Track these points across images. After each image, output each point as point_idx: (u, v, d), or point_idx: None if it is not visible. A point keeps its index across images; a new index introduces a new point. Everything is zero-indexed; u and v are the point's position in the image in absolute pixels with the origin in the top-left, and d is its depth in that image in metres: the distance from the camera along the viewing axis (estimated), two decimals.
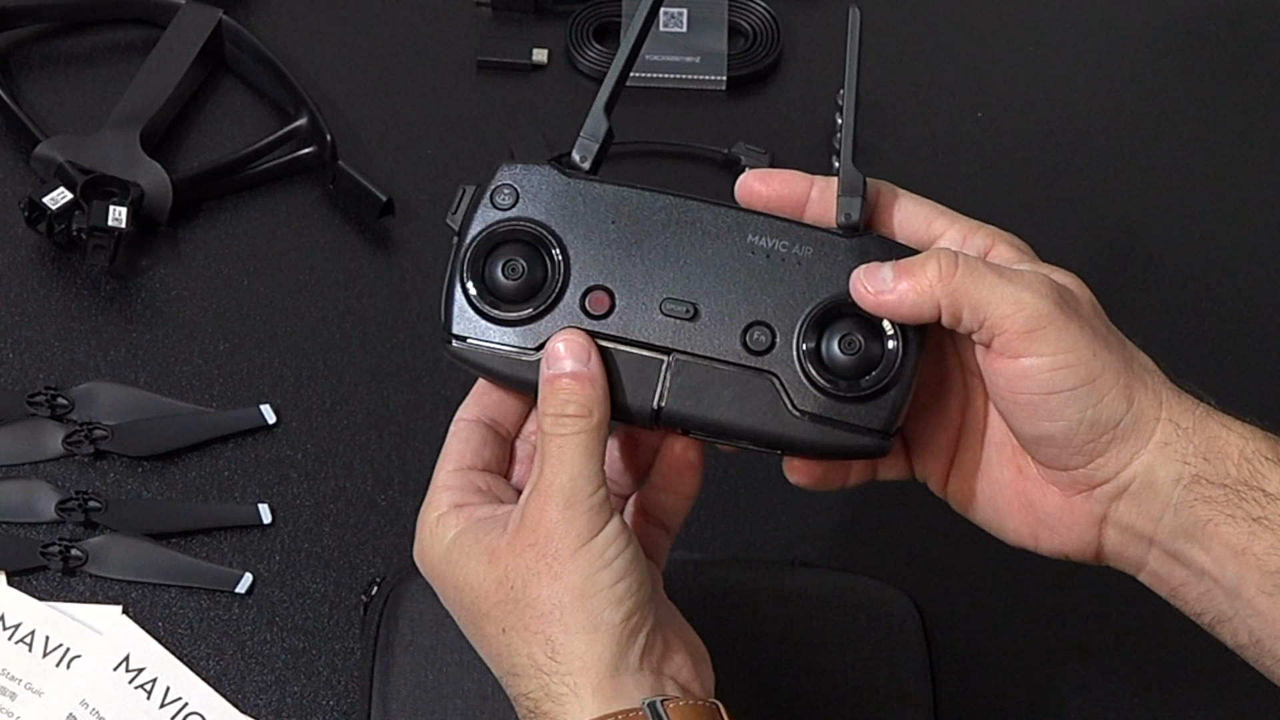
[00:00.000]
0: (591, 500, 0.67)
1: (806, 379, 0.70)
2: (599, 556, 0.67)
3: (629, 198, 0.72)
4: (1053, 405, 0.67)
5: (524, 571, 0.67)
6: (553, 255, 0.71)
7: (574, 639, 0.66)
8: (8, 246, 1.04)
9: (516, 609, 0.67)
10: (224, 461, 0.97)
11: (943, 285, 0.67)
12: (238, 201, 1.07)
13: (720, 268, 0.72)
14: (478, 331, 0.71)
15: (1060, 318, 0.67)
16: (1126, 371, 0.68)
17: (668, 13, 1.16)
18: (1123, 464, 0.68)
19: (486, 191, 0.72)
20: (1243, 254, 1.11)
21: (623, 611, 0.66)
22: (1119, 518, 0.70)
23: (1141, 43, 1.20)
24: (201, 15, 1.12)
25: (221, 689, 0.90)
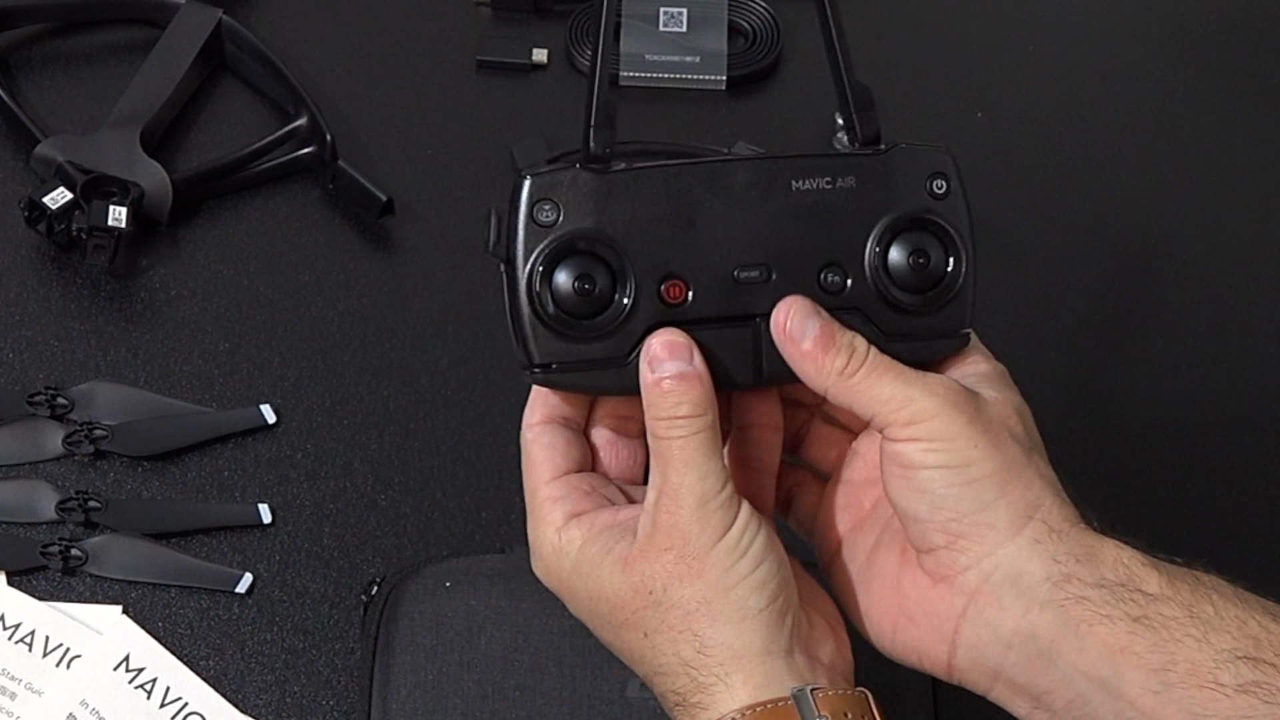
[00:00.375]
0: (721, 496, 0.67)
1: (888, 305, 0.71)
2: (735, 547, 0.67)
3: (666, 176, 0.71)
4: (919, 480, 0.67)
5: (664, 575, 0.67)
6: (617, 259, 0.70)
7: (721, 630, 0.66)
8: (8, 246, 1.04)
9: (659, 611, 0.67)
10: (224, 461, 0.97)
11: (839, 380, 0.69)
12: (238, 201, 1.07)
13: (776, 221, 0.71)
14: (562, 354, 0.70)
15: (948, 413, 0.67)
16: (1010, 469, 0.67)
17: (667, 12, 1.16)
18: (986, 552, 0.67)
19: (523, 211, 0.70)
20: (1243, 253, 1.11)
21: (767, 595, 0.67)
22: (979, 613, 0.68)
23: (1141, 43, 1.20)
24: (201, 15, 1.12)
25: (221, 689, 0.90)
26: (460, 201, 1.08)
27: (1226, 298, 1.09)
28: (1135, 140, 1.15)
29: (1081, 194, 1.13)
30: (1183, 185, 1.13)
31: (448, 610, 0.85)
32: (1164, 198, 1.13)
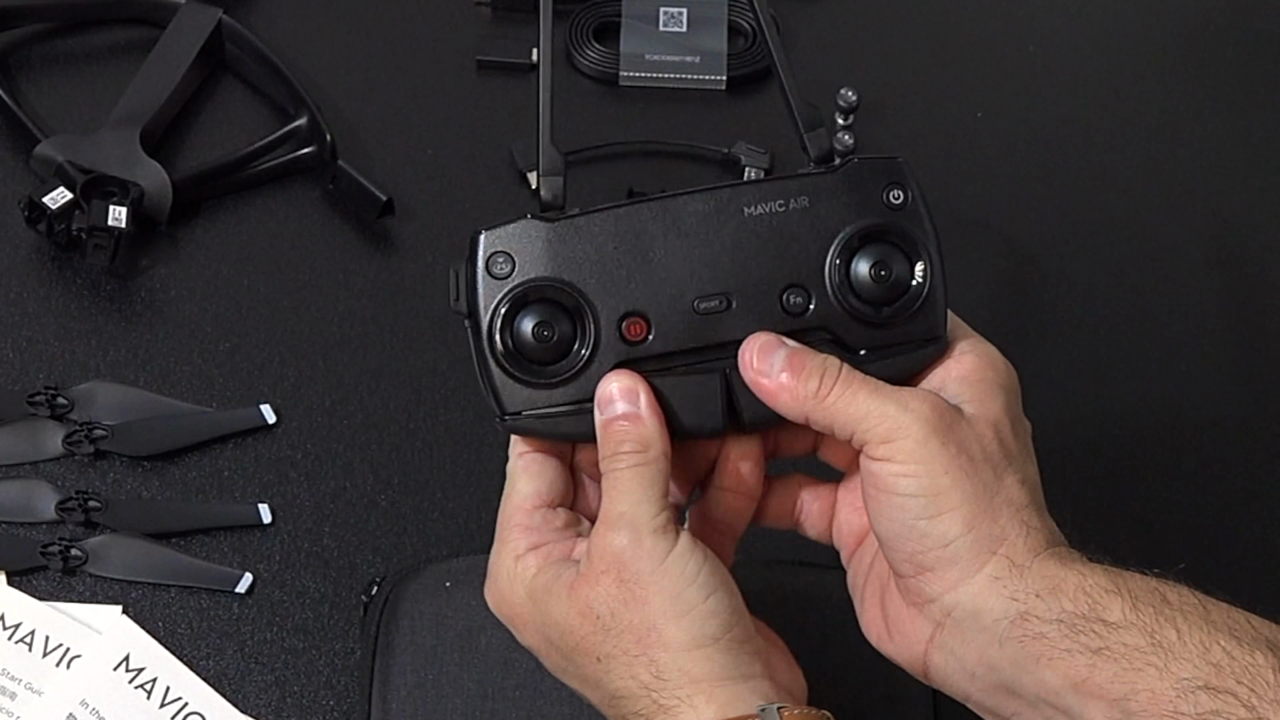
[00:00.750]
0: (654, 523, 0.68)
1: (856, 320, 0.71)
2: (680, 574, 0.68)
3: (617, 217, 0.72)
4: (890, 506, 0.68)
5: (608, 600, 0.68)
6: (574, 303, 0.71)
7: (678, 657, 0.67)
8: (8, 246, 1.04)
9: (610, 637, 0.68)
10: (224, 461, 0.97)
11: (815, 402, 0.69)
12: (238, 201, 1.07)
13: (732, 249, 0.72)
14: (530, 402, 0.71)
15: (921, 433, 0.67)
16: (977, 500, 0.68)
17: (667, 13, 1.16)
18: (948, 587, 0.68)
19: (479, 265, 0.72)
20: (1243, 253, 1.11)
21: (720, 623, 0.68)
22: (944, 642, 0.69)
23: (1141, 42, 1.20)
24: (201, 15, 1.12)
25: (221, 689, 0.90)
26: (460, 201, 1.08)
27: (1227, 297, 1.09)
28: (1135, 140, 1.15)
29: (1081, 194, 1.13)
30: (1183, 185, 1.14)
31: (448, 610, 0.85)
32: (1164, 197, 1.13)
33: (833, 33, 1.18)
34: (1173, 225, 1.12)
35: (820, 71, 1.16)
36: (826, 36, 1.18)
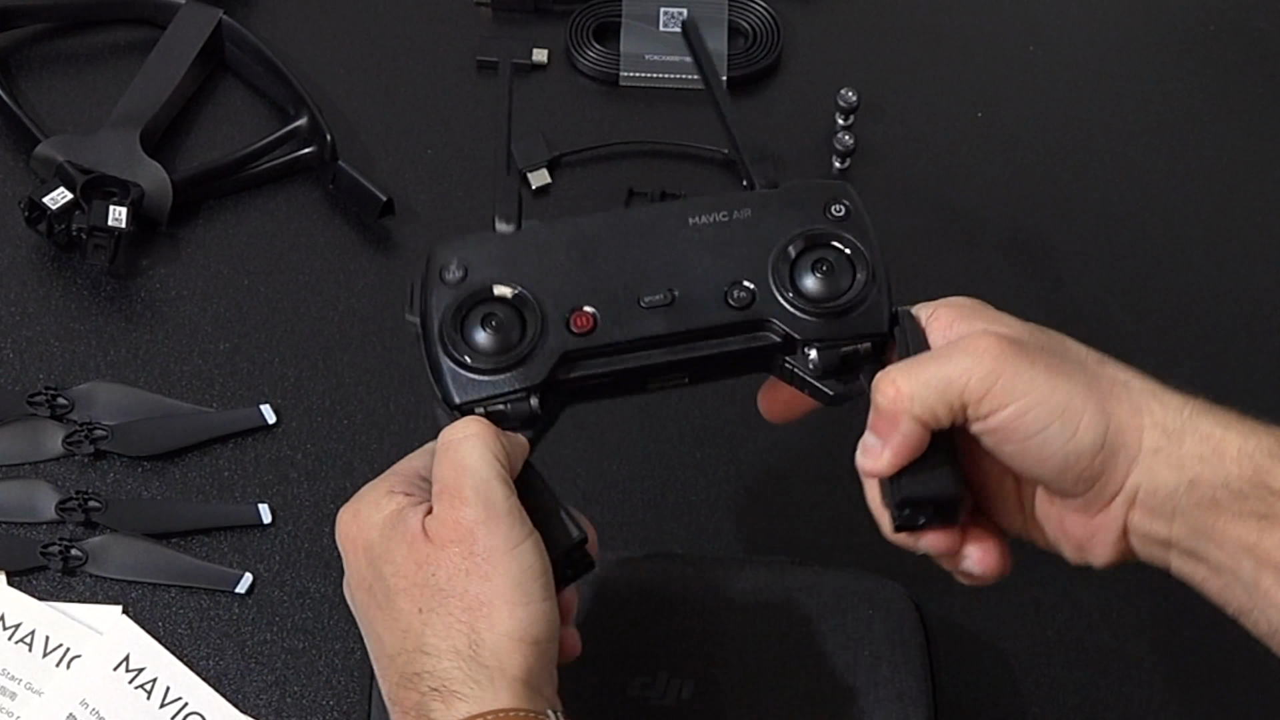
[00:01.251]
0: (508, 504, 0.69)
1: (799, 313, 0.73)
2: (529, 566, 0.69)
3: (568, 227, 0.75)
4: (1034, 448, 0.69)
5: (448, 566, 0.69)
6: (522, 300, 0.73)
7: (501, 641, 0.68)
8: (8, 246, 1.04)
9: (439, 596, 0.69)
10: (224, 461, 0.97)
11: (907, 406, 0.70)
12: (238, 201, 1.07)
13: (677, 253, 0.74)
14: (479, 391, 0.72)
15: (1006, 366, 0.69)
16: (1094, 392, 0.69)
17: (667, 13, 1.16)
18: (1123, 476, 0.70)
19: (434, 274, 0.74)
20: (1243, 253, 1.11)
21: (547, 630, 0.69)
22: (1136, 526, 0.71)
23: (1141, 42, 1.20)
24: (201, 15, 1.12)
25: (221, 689, 0.90)
26: (460, 201, 1.08)
27: (1227, 296, 1.09)
28: (1135, 140, 1.15)
29: (1081, 194, 1.13)
30: (1183, 185, 1.14)
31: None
32: (1164, 197, 1.13)
33: (833, 33, 1.18)
34: (1173, 224, 1.12)
35: (820, 71, 1.16)
36: (826, 36, 1.18)
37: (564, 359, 0.73)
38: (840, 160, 1.11)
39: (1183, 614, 0.95)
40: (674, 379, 0.75)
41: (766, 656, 0.84)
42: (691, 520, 0.97)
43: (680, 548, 0.95)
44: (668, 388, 0.76)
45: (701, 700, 0.83)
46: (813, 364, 0.73)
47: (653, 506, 0.97)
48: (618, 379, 0.74)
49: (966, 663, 0.92)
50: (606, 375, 0.73)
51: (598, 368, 0.73)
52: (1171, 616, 0.96)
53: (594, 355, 0.73)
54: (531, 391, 0.72)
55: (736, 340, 0.74)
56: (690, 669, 0.84)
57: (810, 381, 0.74)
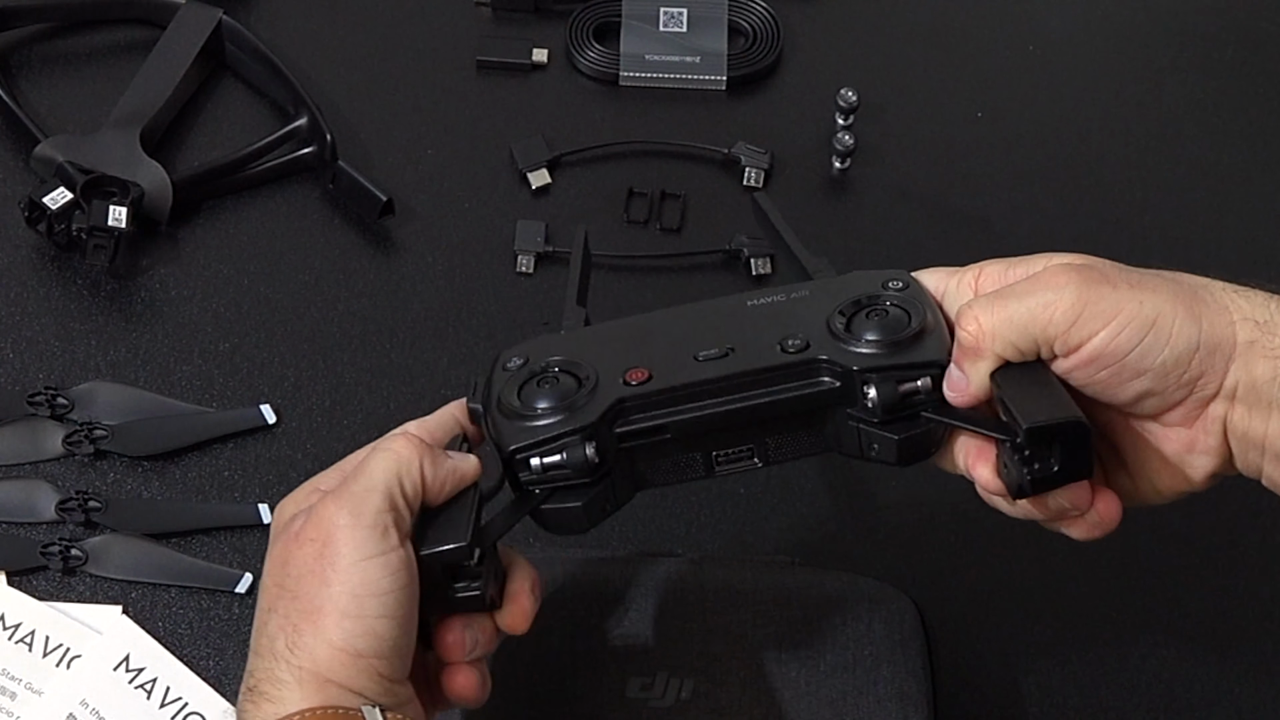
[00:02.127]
0: (377, 516, 0.68)
1: (854, 340, 0.71)
2: (373, 581, 0.68)
3: (624, 324, 0.75)
4: (1131, 365, 0.69)
5: (300, 564, 0.68)
6: (578, 365, 0.73)
7: (319, 645, 0.67)
8: (8, 246, 1.04)
9: (285, 597, 0.68)
10: (224, 461, 0.97)
11: (988, 339, 0.70)
12: (238, 201, 1.07)
13: (734, 324, 0.74)
14: (531, 436, 0.71)
15: (1090, 292, 0.69)
16: (1180, 299, 0.70)
17: (667, 13, 1.16)
18: (1221, 375, 0.70)
19: (496, 366, 0.74)
20: (1243, 253, 1.11)
21: (375, 647, 0.67)
22: (1235, 428, 0.71)
23: (1141, 43, 1.20)
24: (201, 15, 1.12)
25: (221, 689, 0.90)
26: (460, 201, 1.09)
27: None
28: (1135, 140, 1.15)
29: (1081, 194, 1.13)
30: (1183, 185, 1.13)
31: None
32: (1164, 197, 1.13)
33: (833, 33, 1.18)
34: (1173, 224, 1.12)
35: (820, 71, 1.16)
36: (826, 36, 1.18)
37: (617, 405, 0.71)
38: (840, 160, 1.11)
39: (1183, 614, 0.96)
40: (740, 454, 0.73)
41: (766, 656, 0.84)
42: (692, 522, 0.97)
43: (680, 548, 0.95)
44: (736, 469, 0.74)
45: (701, 700, 0.83)
46: (872, 403, 0.71)
47: (653, 506, 0.97)
48: (678, 443, 0.72)
49: (966, 663, 0.92)
50: (663, 428, 0.71)
51: (652, 419, 0.71)
52: (1172, 617, 0.96)
53: (648, 405, 0.71)
54: (585, 436, 0.70)
55: (793, 386, 0.71)
56: (690, 669, 0.84)
57: (875, 432, 0.71)
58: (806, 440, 0.73)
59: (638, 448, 0.72)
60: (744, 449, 0.73)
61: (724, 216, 1.08)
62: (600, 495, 0.72)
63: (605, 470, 0.71)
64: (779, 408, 0.72)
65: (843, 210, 1.11)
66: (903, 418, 0.71)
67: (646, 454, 0.72)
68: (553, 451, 0.71)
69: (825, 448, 0.74)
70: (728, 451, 0.73)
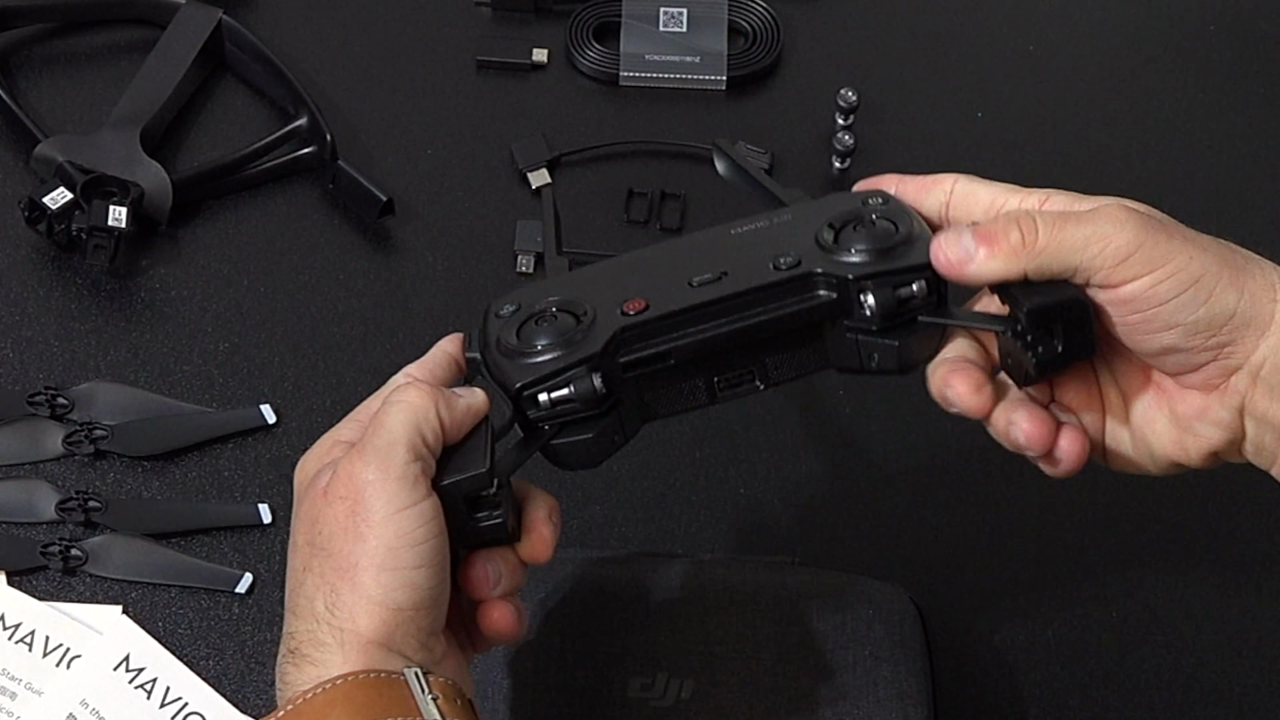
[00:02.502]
0: (406, 469, 0.68)
1: (845, 252, 0.72)
2: (408, 533, 0.67)
3: (616, 260, 0.75)
4: (1164, 316, 0.69)
5: (332, 522, 0.68)
6: (574, 303, 0.73)
7: (358, 602, 0.67)
8: (8, 246, 1.04)
9: (319, 555, 0.68)
10: (224, 461, 0.97)
11: (1027, 251, 0.70)
12: (238, 201, 1.07)
13: (723, 250, 0.74)
14: (538, 371, 0.71)
15: (1148, 236, 0.69)
16: (1228, 266, 0.69)
17: (667, 13, 1.16)
18: (1250, 349, 0.69)
19: (490, 315, 0.74)
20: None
21: (414, 598, 0.67)
22: (1254, 407, 0.70)
23: (1141, 43, 1.20)
24: (201, 15, 1.12)
25: (221, 689, 0.90)
26: (460, 201, 1.09)
27: None
28: (1135, 140, 1.15)
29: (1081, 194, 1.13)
30: (1183, 185, 1.14)
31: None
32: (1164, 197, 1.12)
33: (833, 33, 1.18)
34: None
35: (820, 71, 1.16)
36: (826, 36, 1.18)
37: (619, 335, 0.71)
38: (840, 160, 1.11)
39: (1184, 614, 0.96)
40: (741, 377, 0.74)
41: (766, 656, 0.84)
42: (692, 522, 0.97)
43: (680, 548, 0.95)
44: (739, 393, 0.74)
45: (701, 701, 0.83)
46: (870, 310, 0.71)
47: (653, 506, 0.97)
48: (682, 370, 0.72)
49: (966, 663, 0.92)
50: (665, 354, 0.72)
51: (655, 346, 0.72)
52: (1173, 617, 0.96)
53: (649, 333, 0.72)
54: (590, 367, 0.71)
55: (790, 302, 0.72)
56: (690, 669, 0.84)
57: (875, 340, 0.72)
58: (806, 358, 0.74)
59: (642, 377, 0.72)
60: (745, 371, 0.74)
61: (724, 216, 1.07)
62: (609, 427, 0.72)
63: (613, 401, 0.72)
64: (777, 325, 0.72)
65: None
66: (899, 324, 0.72)
67: (651, 383, 0.73)
68: (560, 385, 0.71)
69: (824, 364, 0.74)
70: (728, 375, 0.73)
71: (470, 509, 0.70)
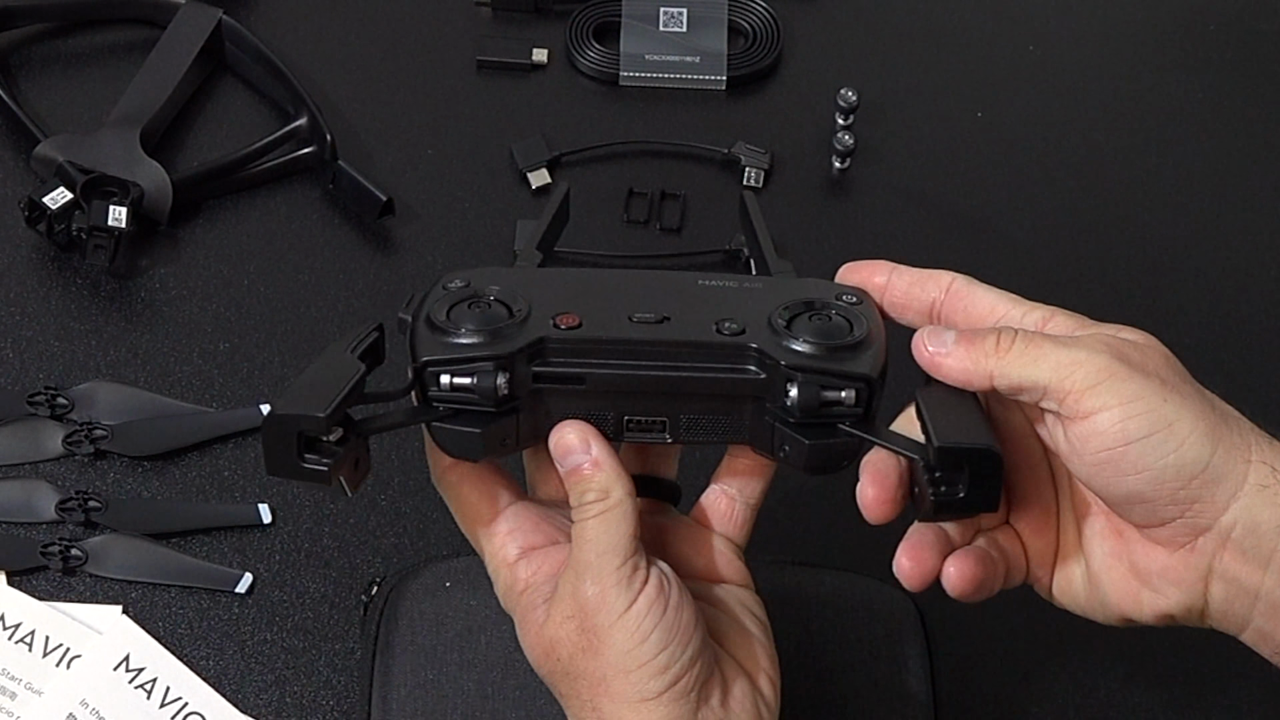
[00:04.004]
0: (620, 573, 0.69)
1: (789, 338, 0.69)
2: (635, 630, 0.68)
3: (580, 272, 0.74)
4: (1132, 457, 0.65)
5: (568, 644, 0.69)
6: (512, 296, 0.71)
7: (621, 709, 0.68)
8: (8, 246, 1.04)
9: (567, 679, 0.70)
10: (224, 461, 0.97)
11: (998, 358, 0.67)
12: (238, 201, 1.07)
13: (679, 297, 0.72)
14: (445, 352, 0.69)
15: (1122, 369, 0.66)
16: (1205, 416, 0.66)
17: (667, 13, 1.16)
18: (1220, 509, 0.66)
19: (438, 284, 0.72)
20: (1243, 253, 1.11)
21: (668, 678, 0.68)
22: (1224, 570, 0.67)
23: (1141, 43, 1.20)
24: (201, 15, 1.12)
25: (221, 689, 0.90)
26: (460, 201, 1.09)
27: (1226, 296, 1.09)
28: (1135, 140, 1.15)
29: (1081, 194, 1.13)
30: (1182, 185, 1.14)
31: (448, 610, 0.85)
32: (1164, 197, 1.13)
33: (833, 33, 1.19)
34: (1173, 225, 1.12)
35: (820, 71, 1.16)
36: (826, 36, 1.18)
37: (539, 343, 0.69)
38: (840, 160, 1.11)
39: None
40: (651, 424, 0.72)
41: None
42: None
43: None
44: (645, 437, 0.72)
45: None
46: (790, 402, 0.69)
47: None
48: (592, 396, 0.71)
49: (966, 663, 0.92)
50: (578, 377, 0.70)
51: (569, 366, 0.70)
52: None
53: (567, 350, 0.70)
54: (499, 364, 0.69)
55: (718, 368, 0.70)
56: None
57: (788, 433, 0.70)
58: (722, 425, 0.72)
59: (550, 391, 0.71)
60: (657, 420, 0.72)
61: (724, 216, 1.08)
62: (501, 429, 0.70)
63: (512, 406, 0.70)
64: (699, 384, 0.70)
65: (843, 210, 1.11)
66: (820, 424, 0.70)
67: (558, 400, 0.71)
68: (464, 374, 0.69)
69: (739, 438, 0.72)
70: (639, 419, 0.72)
71: (302, 447, 0.67)
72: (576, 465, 0.70)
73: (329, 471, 0.67)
